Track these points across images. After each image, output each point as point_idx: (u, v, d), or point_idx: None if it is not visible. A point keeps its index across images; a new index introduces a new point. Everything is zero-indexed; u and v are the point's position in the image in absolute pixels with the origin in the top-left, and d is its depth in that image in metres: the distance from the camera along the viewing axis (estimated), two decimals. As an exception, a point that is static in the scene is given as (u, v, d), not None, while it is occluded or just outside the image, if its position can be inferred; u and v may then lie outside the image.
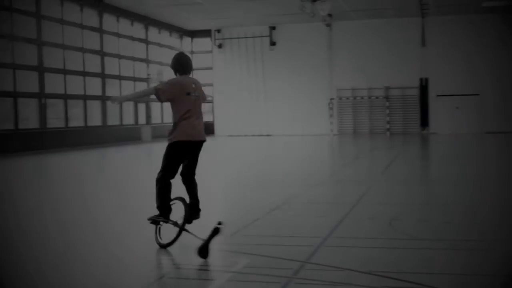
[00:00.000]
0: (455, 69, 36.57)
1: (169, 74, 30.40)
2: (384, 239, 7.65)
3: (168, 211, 7.49)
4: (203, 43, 41.69)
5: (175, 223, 7.39)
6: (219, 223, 6.85)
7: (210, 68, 41.33)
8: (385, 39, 37.58)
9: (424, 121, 37.44)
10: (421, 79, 37.30)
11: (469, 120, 36.59)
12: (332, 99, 38.81)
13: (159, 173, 7.61)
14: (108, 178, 16.76)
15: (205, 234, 6.83)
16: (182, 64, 8.09)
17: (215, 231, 6.81)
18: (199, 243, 6.82)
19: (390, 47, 37.54)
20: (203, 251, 6.73)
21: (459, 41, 36.68)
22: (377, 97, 38.03)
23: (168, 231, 7.41)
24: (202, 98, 7.93)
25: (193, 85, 7.83)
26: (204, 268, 6.48)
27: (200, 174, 7.54)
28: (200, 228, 7.29)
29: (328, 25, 37.88)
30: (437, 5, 33.60)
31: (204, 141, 7.86)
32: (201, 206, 7.46)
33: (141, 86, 34.67)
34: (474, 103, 36.46)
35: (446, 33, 36.89)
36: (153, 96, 7.91)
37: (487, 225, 8.46)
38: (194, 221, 7.44)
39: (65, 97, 27.88)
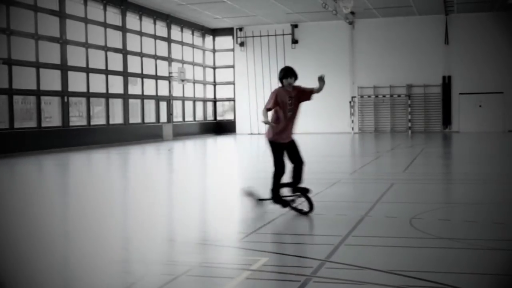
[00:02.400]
0: (478, 67, 36.26)
1: (190, 72, 30.36)
2: (404, 238, 7.61)
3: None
4: (225, 41, 41.74)
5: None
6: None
7: (232, 67, 41.38)
8: (408, 37, 37.38)
9: (447, 120, 37.18)
10: (444, 77, 37.04)
11: (492, 119, 36.27)
12: (353, 97, 38.69)
13: None
14: (126, 177, 16.87)
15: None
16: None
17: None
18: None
19: (413, 45, 37.33)
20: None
21: (482, 39, 36.37)
22: (399, 95, 37.82)
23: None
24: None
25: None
26: (223, 266, 6.49)
27: (221, 172, 7.54)
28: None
29: (351, 23, 37.78)
30: (461, 2, 33.33)
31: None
32: (222, 205, 7.48)
33: (163, 84, 34.83)
34: (497, 101, 36.13)
35: (470, 30, 36.59)
36: None
37: (509, 224, 8.39)
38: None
39: (88, 95, 28.06)
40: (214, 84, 42.01)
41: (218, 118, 42.39)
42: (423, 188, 12.29)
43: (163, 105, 34.98)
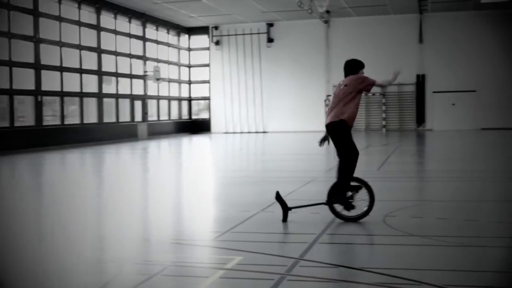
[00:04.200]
0: (452, 65, 36.60)
1: (164, 71, 30.25)
2: (378, 236, 7.69)
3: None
4: (201, 40, 41.67)
5: None
6: None
7: (207, 65, 41.33)
8: (383, 36, 37.61)
9: (420, 118, 37.50)
10: (418, 76, 37.34)
11: (465, 117, 36.65)
12: (328, 95, 38.81)
13: None
14: (100, 177, 16.80)
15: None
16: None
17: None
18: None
19: (387, 43, 37.58)
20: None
21: (456, 38, 36.72)
22: (373, 94, 38.04)
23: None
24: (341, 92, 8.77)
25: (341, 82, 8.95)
26: (197, 265, 6.50)
27: (195, 172, 7.54)
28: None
29: (326, 21, 37.92)
30: (435, 2, 33.63)
31: (330, 123, 8.74)
32: (196, 203, 7.48)
33: (138, 83, 34.69)
34: (471, 99, 36.50)
35: (444, 29, 36.93)
36: None
37: (481, 221, 8.50)
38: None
39: (62, 94, 27.85)
40: (189, 83, 41.93)
41: (193, 117, 42.31)
42: (396, 186, 12.40)
43: (138, 104, 34.83)
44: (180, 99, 40.64)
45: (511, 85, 36.12)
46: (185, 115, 41.45)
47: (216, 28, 40.56)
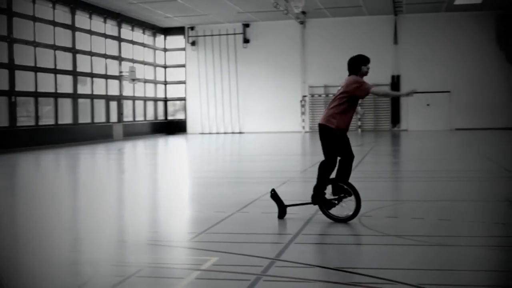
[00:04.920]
0: (427, 66, 36.91)
1: (140, 71, 30.01)
2: (353, 236, 7.73)
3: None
4: (176, 40, 41.56)
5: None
6: None
7: (183, 66, 41.24)
8: (358, 37, 37.78)
9: (395, 118, 37.76)
10: (392, 76, 37.58)
11: (440, 117, 36.99)
12: (304, 96, 38.96)
13: None
14: (75, 178, 16.69)
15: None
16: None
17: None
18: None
19: (363, 44, 37.66)
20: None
21: (430, 39, 37.05)
22: (349, 95, 38.14)
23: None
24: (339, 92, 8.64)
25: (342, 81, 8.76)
26: (173, 267, 6.49)
27: (171, 173, 7.52)
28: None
29: (302, 22, 38.02)
30: (410, 3, 33.89)
31: (320, 124, 8.61)
32: (171, 204, 7.46)
33: (113, 84, 34.50)
34: (445, 100, 36.85)
35: (418, 30, 37.24)
36: None
37: (455, 221, 8.57)
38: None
39: (36, 95, 27.61)
40: (165, 83, 41.79)
41: (169, 117, 42.17)
42: (372, 186, 12.46)
43: (113, 104, 34.62)
44: (155, 100, 40.49)
45: (484, 85, 36.52)
46: (160, 116, 41.30)
47: (192, 28, 40.49)
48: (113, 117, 34.56)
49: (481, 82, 36.58)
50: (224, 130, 40.40)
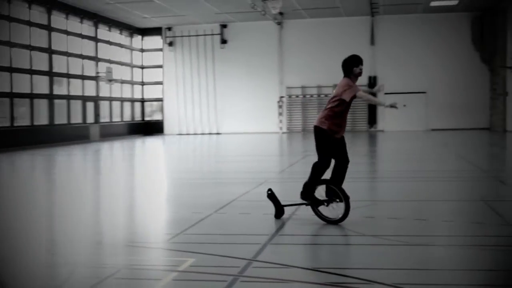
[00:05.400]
0: (403, 67, 37.18)
1: (117, 72, 29.74)
2: (330, 236, 7.75)
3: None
4: (154, 41, 41.40)
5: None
6: None
7: (160, 66, 41.10)
8: (335, 38, 37.94)
9: (372, 119, 37.97)
10: (369, 77, 37.74)
11: (416, 118, 37.26)
12: (282, 97, 39.02)
13: None
14: (51, 180, 16.58)
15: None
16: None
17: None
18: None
19: (340, 45, 37.86)
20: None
21: (407, 40, 37.32)
22: (326, 95, 38.32)
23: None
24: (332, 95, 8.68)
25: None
26: (150, 268, 6.47)
27: (149, 174, 7.50)
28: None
29: (279, 23, 38.09)
30: (387, 4, 34.12)
31: (314, 126, 8.78)
32: (149, 205, 7.43)
33: (90, 85, 34.29)
34: (421, 100, 37.13)
35: (395, 32, 37.50)
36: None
37: (430, 220, 8.64)
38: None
39: (11, 95, 27.35)
40: (142, 84, 41.62)
41: (146, 118, 42.01)
42: (348, 186, 12.46)
43: (90, 105, 34.41)
44: (133, 101, 40.32)
45: (460, 86, 36.84)
46: (138, 117, 41.13)
47: (169, 29, 40.38)
48: (90, 118, 34.35)
49: (457, 82, 36.92)
50: (202, 131, 40.34)
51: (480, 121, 36.95)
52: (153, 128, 41.21)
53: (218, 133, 39.87)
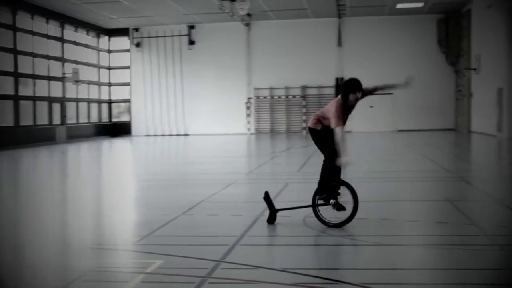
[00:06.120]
0: (370, 68, 37.38)
1: (84, 73, 29.49)
2: (298, 237, 7.78)
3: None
4: (121, 41, 41.14)
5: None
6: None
7: (128, 67, 40.85)
8: (303, 39, 38.11)
9: (340, 120, 38.12)
10: (337, 79, 37.97)
11: (383, 119, 37.59)
12: (249, 98, 39.05)
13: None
14: (16, 182, 16.38)
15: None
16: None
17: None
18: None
19: (308, 47, 38.10)
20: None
21: (374, 42, 37.65)
22: (294, 96, 38.50)
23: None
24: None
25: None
26: (118, 270, 6.43)
27: (116, 175, 7.45)
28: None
29: (247, 24, 38.12)
30: (354, 6, 34.36)
31: (308, 127, 8.85)
32: (117, 207, 7.39)
33: (56, 85, 33.94)
34: (387, 102, 37.43)
35: (362, 33, 37.79)
36: None
37: (397, 220, 8.72)
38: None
39: (-24, 96, 26.98)
40: (109, 85, 41.32)
41: (114, 119, 41.72)
42: (316, 187, 12.55)
43: (56, 106, 34.06)
44: (100, 102, 40.01)
45: (425, 88, 37.21)
46: (105, 118, 40.82)
47: (136, 30, 40.16)
48: (56, 119, 34.00)
49: (423, 84, 37.26)
50: (170, 132, 40.19)
51: (446, 122, 37.42)
52: (121, 130, 40.95)
53: (186, 134, 39.76)
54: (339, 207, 8.39)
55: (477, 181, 13.42)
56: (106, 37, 40.82)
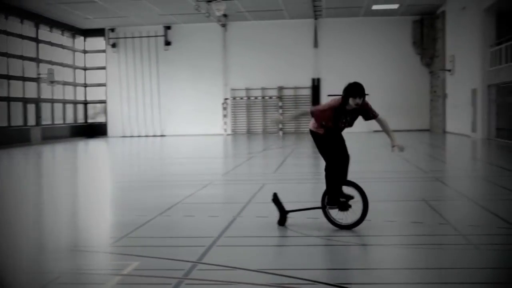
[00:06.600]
0: (346, 69, 37.61)
1: (59, 74, 29.28)
2: (275, 237, 7.79)
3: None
4: (97, 42, 40.92)
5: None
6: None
7: (103, 68, 40.63)
8: (279, 40, 38.19)
9: (316, 121, 38.29)
10: (313, 79, 38.12)
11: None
12: (226, 99, 39.04)
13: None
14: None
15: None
16: None
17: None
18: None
19: (284, 48, 38.19)
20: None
21: (350, 43, 37.86)
22: (270, 97, 38.55)
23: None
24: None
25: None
26: (93, 272, 6.39)
27: (92, 177, 7.40)
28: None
29: (223, 25, 38.10)
30: (330, 8, 34.50)
31: (310, 130, 8.61)
32: (93, 209, 7.35)
33: (31, 86, 33.66)
34: (364, 103, 37.59)
35: (338, 34, 37.98)
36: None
37: (372, 220, 8.76)
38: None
39: (-51, 97, 26.65)
40: (85, 86, 41.06)
41: (89, 120, 41.47)
42: (293, 188, 12.60)
43: (31, 107, 33.76)
44: (75, 103, 39.74)
45: (401, 88, 37.55)
46: (80, 119, 40.55)
47: (112, 30, 39.96)
48: (31, 120, 33.71)
49: (398, 85, 37.62)
50: (146, 133, 40.04)
51: (421, 123, 37.72)
52: (97, 130, 40.72)
53: (162, 135, 39.64)
54: (343, 207, 8.26)
55: (451, 181, 13.55)
56: (82, 38, 40.56)
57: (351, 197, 8.23)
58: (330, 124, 8.30)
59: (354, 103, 8.28)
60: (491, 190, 12.14)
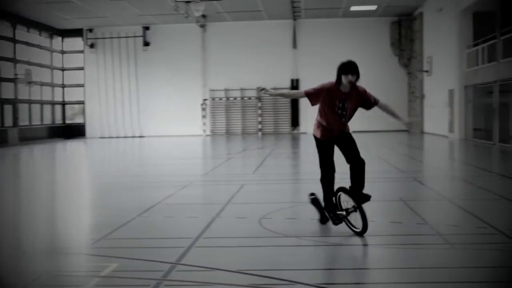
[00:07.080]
0: (324, 70, 37.47)
1: (37, 74, 29.09)
2: (254, 238, 7.80)
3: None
4: (74, 42, 40.67)
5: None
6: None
7: (82, 69, 40.40)
8: (258, 41, 38.23)
9: (295, 121, 38.41)
10: (292, 80, 38.20)
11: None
12: (205, 99, 39.00)
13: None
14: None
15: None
16: None
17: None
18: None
19: (263, 48, 38.24)
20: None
21: (328, 43, 37.97)
22: (249, 98, 38.57)
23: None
24: None
25: None
26: (72, 274, 6.36)
27: (70, 178, 7.36)
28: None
29: (202, 26, 38.06)
30: (308, 8, 34.61)
31: (313, 134, 8.24)
32: (71, 210, 7.30)
33: (8, 87, 33.38)
34: (343, 103, 37.73)
35: (316, 35, 38.09)
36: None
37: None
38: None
39: None
40: (63, 86, 40.80)
41: (68, 121, 41.21)
42: (272, 188, 12.62)
43: (8, 108, 33.48)
44: (53, 103, 39.47)
45: (379, 89, 37.47)
46: (58, 120, 40.29)
47: (90, 30, 39.75)
48: (8, 121, 33.42)
49: (377, 85, 37.53)
50: (125, 134, 39.88)
51: (399, 123, 37.60)
52: (75, 131, 40.48)
53: (141, 136, 39.51)
54: (337, 219, 8.06)
55: (429, 181, 13.65)
56: (59, 38, 40.31)
57: (350, 210, 8.02)
58: (326, 109, 8.09)
59: (347, 81, 8.06)
60: (468, 190, 12.26)
